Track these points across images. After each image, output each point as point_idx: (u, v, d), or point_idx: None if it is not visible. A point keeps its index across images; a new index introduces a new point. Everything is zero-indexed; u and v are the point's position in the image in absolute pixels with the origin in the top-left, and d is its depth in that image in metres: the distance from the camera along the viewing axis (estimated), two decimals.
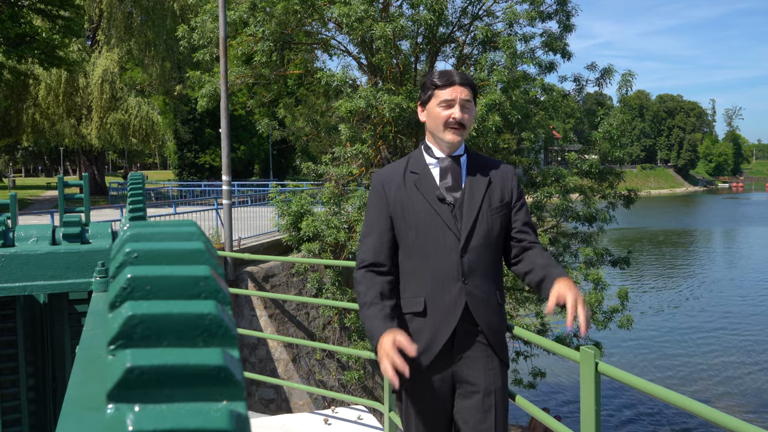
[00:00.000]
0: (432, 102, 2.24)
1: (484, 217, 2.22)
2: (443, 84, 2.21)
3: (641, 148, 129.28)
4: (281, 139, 20.82)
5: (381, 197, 2.26)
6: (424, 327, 2.19)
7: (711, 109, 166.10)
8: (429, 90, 2.25)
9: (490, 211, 2.23)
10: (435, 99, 2.23)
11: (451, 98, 2.20)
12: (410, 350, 1.98)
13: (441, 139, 2.24)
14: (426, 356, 2.19)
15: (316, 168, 12.47)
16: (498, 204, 2.25)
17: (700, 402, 1.74)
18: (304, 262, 9.81)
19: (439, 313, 2.18)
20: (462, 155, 2.29)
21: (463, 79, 2.22)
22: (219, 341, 0.43)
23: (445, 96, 2.20)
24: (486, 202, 2.23)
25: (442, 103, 2.21)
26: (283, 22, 12.14)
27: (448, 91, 2.20)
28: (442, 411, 2.23)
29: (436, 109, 2.22)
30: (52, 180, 47.53)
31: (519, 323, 12.63)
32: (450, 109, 2.21)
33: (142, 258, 0.50)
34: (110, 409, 0.40)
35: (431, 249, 2.18)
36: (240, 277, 11.49)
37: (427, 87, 2.26)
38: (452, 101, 2.20)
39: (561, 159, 16.42)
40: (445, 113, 2.21)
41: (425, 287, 2.19)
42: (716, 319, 24.58)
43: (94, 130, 28.30)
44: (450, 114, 2.20)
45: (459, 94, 2.21)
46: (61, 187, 2.82)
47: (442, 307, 2.18)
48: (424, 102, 2.28)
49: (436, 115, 2.22)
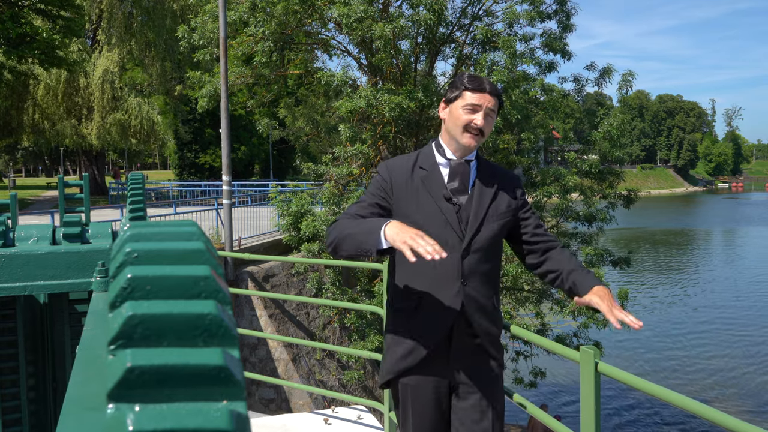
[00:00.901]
0: (458, 102, 2.24)
1: (489, 222, 2.22)
2: (473, 88, 2.21)
3: (641, 148, 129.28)
4: (281, 139, 20.85)
5: (384, 183, 2.25)
6: (417, 323, 2.19)
7: (711, 109, 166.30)
8: (458, 90, 2.24)
9: (495, 217, 2.24)
10: (461, 100, 2.22)
11: (479, 104, 2.20)
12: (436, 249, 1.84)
13: (457, 141, 2.23)
14: (414, 355, 2.18)
15: (316, 168, 12.47)
16: (504, 210, 2.26)
17: (700, 402, 1.74)
18: (304, 262, 9.81)
19: (435, 312, 2.18)
20: (473, 160, 2.29)
21: (493, 89, 2.23)
22: (219, 341, 0.43)
23: (473, 100, 2.21)
24: (493, 207, 2.24)
25: (467, 106, 2.21)
26: (283, 22, 12.14)
27: (477, 96, 2.21)
28: (439, 412, 2.24)
29: (460, 110, 2.22)
30: (52, 180, 47.53)
31: (519, 323, 12.62)
32: (474, 114, 2.21)
33: (142, 258, 0.50)
34: (110, 409, 0.40)
35: None
36: (240, 277, 11.49)
37: (456, 86, 2.25)
38: (478, 107, 2.21)
39: (561, 159, 16.42)
40: (467, 117, 2.21)
41: (423, 284, 2.19)
42: (716, 319, 24.58)
43: (94, 130, 28.31)
44: (473, 119, 2.20)
45: (486, 102, 2.21)
46: (61, 187, 2.82)
47: (438, 305, 2.18)
48: (449, 100, 2.27)
49: (458, 116, 2.22)
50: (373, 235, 1.97)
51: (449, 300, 2.17)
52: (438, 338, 2.17)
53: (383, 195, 2.24)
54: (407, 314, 2.21)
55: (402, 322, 2.22)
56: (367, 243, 1.98)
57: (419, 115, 11.97)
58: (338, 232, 2.11)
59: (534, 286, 13.11)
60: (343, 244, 2.07)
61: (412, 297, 2.20)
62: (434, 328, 2.17)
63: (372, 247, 1.96)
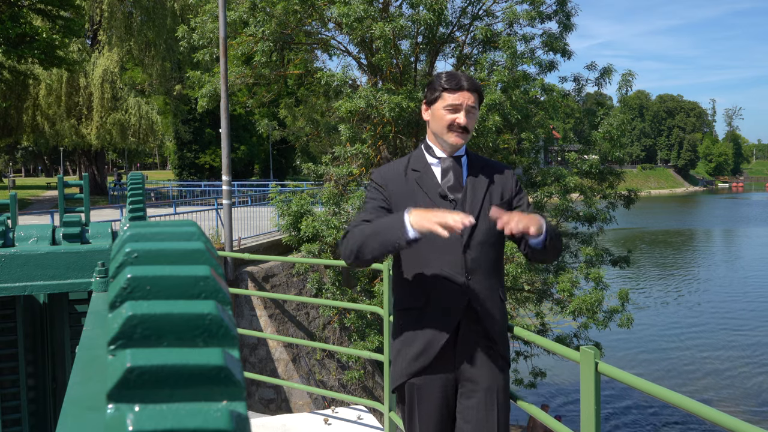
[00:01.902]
0: (438, 104, 2.24)
1: (486, 215, 2.22)
2: (451, 88, 2.21)
3: (641, 148, 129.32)
4: (281, 139, 20.84)
5: (381, 189, 2.27)
6: (424, 324, 2.19)
7: (711, 109, 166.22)
8: (436, 91, 2.24)
9: (491, 209, 2.24)
10: (441, 101, 2.23)
11: (458, 103, 2.21)
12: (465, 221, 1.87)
13: (444, 141, 2.25)
14: (426, 355, 2.18)
15: (316, 168, 12.47)
16: (498, 202, 2.27)
17: (700, 402, 1.74)
18: (304, 262, 9.82)
19: (441, 310, 2.18)
20: (462, 156, 2.31)
21: (471, 84, 2.23)
22: (219, 341, 0.43)
23: (452, 100, 2.21)
24: (487, 199, 2.25)
25: (448, 106, 2.21)
26: (283, 22, 12.14)
27: (456, 95, 2.21)
28: (447, 412, 2.23)
29: (442, 111, 2.23)
30: (52, 180, 47.51)
31: (519, 323, 12.62)
32: (456, 113, 2.21)
33: (142, 258, 0.50)
34: (110, 409, 0.40)
35: (433, 245, 2.18)
36: (240, 277, 11.49)
37: (434, 88, 2.26)
38: (459, 106, 2.21)
39: (561, 159, 16.41)
40: (450, 117, 2.21)
41: (427, 283, 2.20)
42: (716, 319, 24.58)
43: (94, 129, 28.31)
44: (455, 118, 2.21)
45: (466, 100, 2.21)
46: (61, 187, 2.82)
47: (445, 302, 2.18)
48: (429, 102, 2.28)
49: (441, 117, 2.23)
50: (397, 229, 1.97)
51: (455, 296, 2.17)
52: (447, 336, 2.17)
53: (383, 198, 2.25)
54: (416, 314, 2.21)
55: (411, 322, 2.22)
56: (392, 238, 1.99)
57: (419, 115, 11.95)
58: (357, 239, 2.10)
59: (534, 286, 13.10)
60: (367, 248, 2.07)
61: (419, 296, 2.21)
62: (443, 326, 2.18)
63: (399, 240, 1.97)
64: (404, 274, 2.26)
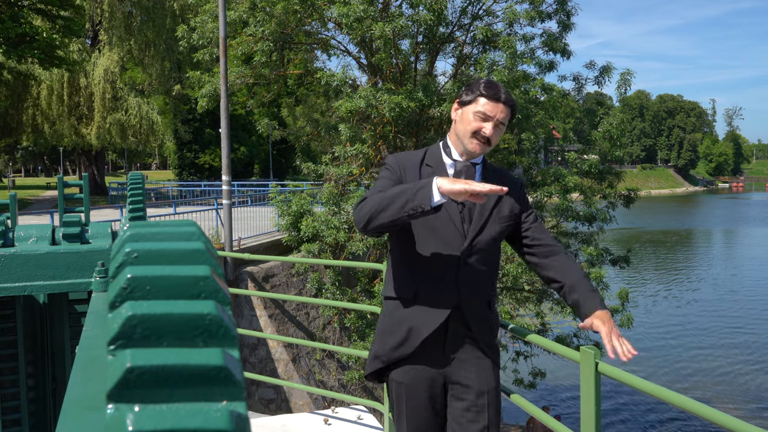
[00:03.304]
0: (470, 107, 2.23)
1: (492, 224, 2.24)
2: (489, 96, 2.20)
3: (641, 148, 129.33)
4: (281, 139, 20.82)
5: (395, 173, 2.25)
6: (410, 315, 2.20)
7: (711, 109, 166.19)
8: (473, 94, 2.23)
9: (498, 220, 2.26)
10: (475, 105, 2.22)
11: (491, 114, 2.20)
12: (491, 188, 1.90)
13: (464, 145, 2.24)
14: (408, 344, 2.19)
15: (316, 168, 12.47)
16: (507, 214, 2.28)
17: (700, 402, 1.74)
18: (304, 262, 9.79)
19: (429, 305, 2.19)
20: (479, 163, 2.31)
21: (508, 99, 2.23)
22: (219, 341, 0.43)
23: (485, 109, 2.20)
24: (496, 209, 2.26)
25: (479, 113, 2.20)
26: (283, 22, 12.13)
27: (491, 105, 2.20)
28: (434, 412, 2.24)
29: (471, 115, 2.21)
30: (51, 180, 47.52)
31: (519, 323, 12.62)
32: (484, 122, 2.20)
33: (142, 258, 0.50)
34: (110, 409, 0.40)
35: (434, 243, 2.19)
36: (240, 277, 11.49)
37: (472, 90, 2.24)
38: (490, 117, 2.20)
39: (561, 159, 16.40)
40: (477, 123, 2.20)
41: (420, 277, 2.21)
42: (716, 319, 24.59)
43: (94, 129, 28.32)
44: (482, 127, 2.20)
45: (499, 113, 2.21)
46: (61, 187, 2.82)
47: (435, 297, 2.19)
48: (463, 103, 2.27)
49: (469, 121, 2.21)
50: (423, 192, 1.93)
51: (445, 296, 2.18)
52: (432, 329, 2.17)
53: (397, 179, 2.23)
54: (403, 304, 2.22)
55: (397, 311, 2.23)
56: (414, 201, 1.94)
57: (419, 115, 11.97)
58: (375, 202, 2.04)
59: (534, 286, 13.10)
60: (384, 212, 2.00)
61: (410, 288, 2.21)
62: (428, 320, 2.18)
63: (423, 203, 1.93)
64: (398, 265, 2.27)
